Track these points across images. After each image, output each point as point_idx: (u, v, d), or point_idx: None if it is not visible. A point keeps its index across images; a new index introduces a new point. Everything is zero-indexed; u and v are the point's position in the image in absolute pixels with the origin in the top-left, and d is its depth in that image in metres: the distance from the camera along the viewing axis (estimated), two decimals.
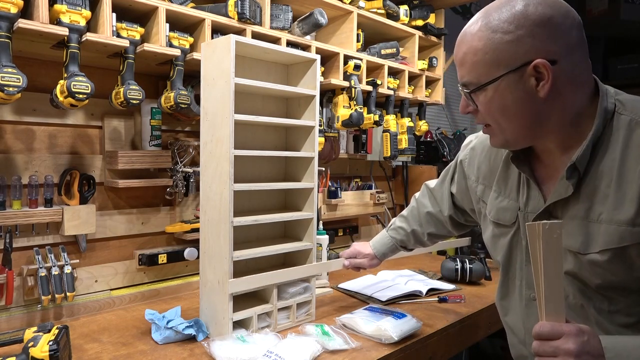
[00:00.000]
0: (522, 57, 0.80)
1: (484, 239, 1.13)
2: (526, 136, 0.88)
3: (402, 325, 1.32)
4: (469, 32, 0.85)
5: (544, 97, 0.81)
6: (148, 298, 1.64)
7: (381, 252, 1.47)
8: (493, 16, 0.82)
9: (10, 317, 1.36)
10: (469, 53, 0.84)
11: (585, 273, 0.86)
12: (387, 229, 1.50)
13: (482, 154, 1.12)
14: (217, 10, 1.53)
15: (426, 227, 1.41)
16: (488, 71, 0.82)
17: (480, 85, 0.84)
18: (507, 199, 1.01)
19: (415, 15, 2.29)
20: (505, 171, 1.03)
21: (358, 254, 1.49)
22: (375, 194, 2.49)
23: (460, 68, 0.87)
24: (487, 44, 0.81)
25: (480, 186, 1.11)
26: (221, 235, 1.29)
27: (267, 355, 1.14)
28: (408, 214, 1.46)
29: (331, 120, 2.07)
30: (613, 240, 0.82)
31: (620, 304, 0.86)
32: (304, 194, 1.53)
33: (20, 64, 1.21)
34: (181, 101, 1.46)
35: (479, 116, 0.90)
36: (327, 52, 1.87)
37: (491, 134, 0.92)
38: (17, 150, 1.42)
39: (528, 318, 0.99)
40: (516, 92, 0.82)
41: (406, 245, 1.46)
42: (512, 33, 0.79)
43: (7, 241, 1.34)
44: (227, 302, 1.27)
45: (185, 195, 1.75)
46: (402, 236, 1.45)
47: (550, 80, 0.79)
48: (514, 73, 0.81)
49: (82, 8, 1.22)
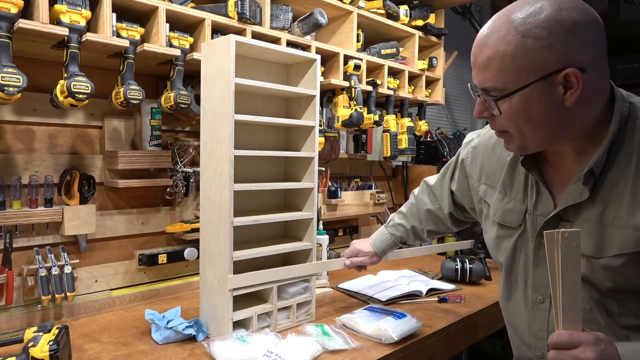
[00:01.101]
0: (554, 64, 0.77)
1: (485, 239, 1.12)
2: (546, 142, 0.87)
3: (402, 325, 1.32)
4: (494, 35, 0.80)
5: (570, 106, 0.80)
6: (148, 298, 1.64)
7: (381, 249, 1.47)
8: (524, 20, 0.77)
9: (10, 317, 1.36)
10: (494, 57, 0.79)
11: (598, 277, 0.86)
12: (386, 226, 1.50)
13: (485, 153, 1.11)
14: (217, 10, 1.53)
15: (425, 224, 1.41)
16: (516, 77, 0.79)
17: (507, 92, 0.81)
18: (513, 201, 1.00)
19: (415, 15, 2.29)
20: (511, 173, 1.01)
21: (358, 253, 1.49)
22: (375, 194, 2.49)
23: (482, 72, 0.83)
24: (517, 49, 0.77)
25: (483, 186, 1.10)
26: (221, 235, 1.29)
27: (267, 355, 1.14)
28: (407, 211, 1.46)
29: (331, 120, 2.07)
30: (628, 245, 0.81)
31: (631, 306, 0.86)
32: (304, 194, 1.53)
33: (20, 64, 1.21)
34: (181, 101, 1.46)
35: (496, 122, 0.87)
36: (327, 52, 1.87)
37: (508, 139, 0.89)
38: (17, 150, 1.42)
39: (534, 321, 0.98)
40: (544, 100, 0.79)
41: (405, 241, 1.47)
42: (544, 39, 0.76)
43: (7, 241, 1.34)
44: (227, 302, 1.27)
45: (185, 195, 1.75)
46: (401, 233, 1.46)
47: (580, 89, 0.78)
48: (544, 81, 0.78)
49: (82, 8, 1.22)
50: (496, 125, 0.89)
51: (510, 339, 1.10)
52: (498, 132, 0.91)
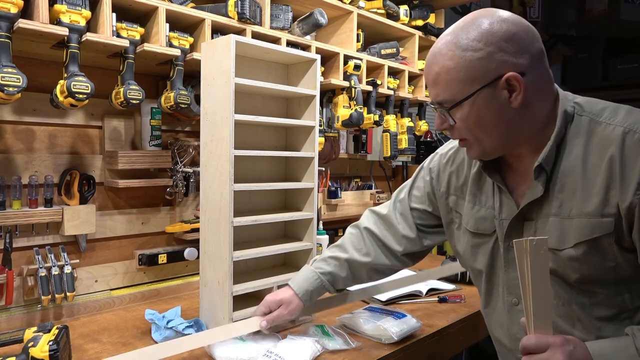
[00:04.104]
0: (494, 71, 0.84)
1: (457, 249, 1.12)
2: (503, 145, 0.92)
3: (402, 325, 1.32)
4: (439, 53, 0.88)
5: (517, 108, 0.86)
6: (148, 298, 1.64)
7: (303, 288, 1.20)
8: (461, 36, 0.86)
9: (10, 317, 1.36)
10: (441, 72, 0.88)
11: (564, 269, 0.89)
12: (311, 262, 1.28)
13: (452, 164, 1.13)
14: (217, 10, 1.53)
15: (374, 255, 1.22)
16: (463, 88, 0.86)
17: (456, 102, 0.88)
18: (484, 208, 1.02)
19: (415, 15, 2.28)
20: (478, 181, 1.04)
21: (271, 305, 1.21)
22: (375, 194, 2.49)
23: (433, 87, 0.91)
24: (460, 62, 0.85)
25: (453, 197, 1.12)
26: (221, 235, 1.29)
27: (267, 355, 1.14)
28: (344, 241, 1.26)
29: (331, 120, 2.07)
30: (585, 232, 0.85)
31: (600, 296, 0.88)
32: (304, 194, 1.53)
33: (20, 64, 1.21)
34: (181, 101, 1.46)
35: (455, 131, 0.93)
36: (327, 52, 1.87)
37: (468, 147, 0.95)
38: (17, 150, 1.41)
39: (512, 324, 1.00)
40: (491, 105, 0.86)
41: (336, 280, 1.22)
42: (482, 50, 0.84)
43: (7, 241, 1.34)
44: (227, 302, 1.27)
45: (185, 195, 1.75)
46: (332, 267, 1.22)
47: (522, 91, 0.85)
48: (488, 87, 0.85)
49: (82, 8, 1.22)
50: (455, 135, 0.95)
51: (495, 347, 1.10)
52: (460, 142, 0.97)
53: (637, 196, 0.80)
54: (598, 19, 3.98)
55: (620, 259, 0.84)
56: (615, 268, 0.85)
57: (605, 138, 0.85)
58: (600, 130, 0.86)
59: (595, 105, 0.91)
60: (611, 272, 0.86)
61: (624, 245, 0.84)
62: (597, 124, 0.87)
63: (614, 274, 0.86)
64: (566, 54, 4.41)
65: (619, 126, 0.84)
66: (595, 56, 4.27)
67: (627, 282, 0.86)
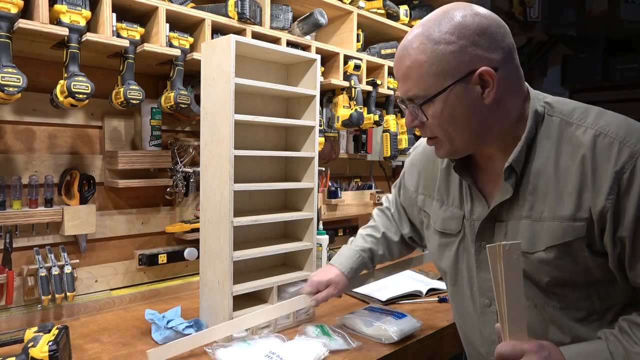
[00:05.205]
0: (467, 66, 0.82)
1: (428, 248, 1.12)
2: (474, 143, 0.90)
3: (402, 325, 1.32)
4: (410, 46, 0.85)
5: (489, 104, 0.84)
6: (148, 298, 1.64)
7: (347, 266, 1.26)
8: (433, 29, 0.83)
9: (10, 317, 1.36)
10: (413, 67, 0.84)
11: (536, 272, 0.88)
12: (350, 242, 1.35)
13: (421, 163, 1.12)
14: (217, 10, 1.53)
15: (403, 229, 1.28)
16: (435, 82, 0.83)
17: (429, 97, 0.84)
18: (451, 208, 1.01)
19: (415, 15, 2.29)
20: (446, 180, 1.03)
21: (319, 285, 1.25)
22: (375, 194, 2.49)
23: (404, 83, 0.87)
24: (432, 56, 0.82)
25: (421, 196, 1.11)
26: (221, 235, 1.29)
27: (269, 356, 1.14)
28: (376, 222, 1.33)
29: (331, 120, 2.07)
30: (557, 236, 0.84)
31: (570, 299, 0.88)
32: (304, 194, 1.53)
33: (20, 64, 1.21)
34: (181, 101, 1.46)
35: (425, 129, 0.91)
36: (327, 52, 1.88)
37: (437, 145, 0.92)
38: (17, 150, 1.41)
39: (484, 326, 0.98)
40: (464, 101, 0.84)
41: (374, 254, 1.29)
42: (455, 43, 0.81)
43: (7, 241, 1.34)
44: (227, 302, 1.27)
45: (185, 195, 1.75)
46: (370, 243, 1.29)
47: (495, 87, 0.82)
48: (461, 82, 0.82)
49: (82, 8, 1.22)
50: (426, 132, 0.92)
51: (466, 350, 1.09)
52: (428, 140, 0.94)
53: (609, 201, 0.79)
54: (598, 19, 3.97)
55: (590, 263, 0.83)
56: (586, 271, 0.84)
57: (577, 140, 0.83)
58: (571, 131, 0.85)
59: (565, 105, 0.89)
60: (581, 276, 0.85)
61: (595, 249, 0.83)
62: (568, 125, 0.85)
63: (584, 277, 0.85)
64: (566, 54, 4.40)
65: (590, 128, 0.83)
66: (595, 56, 4.26)
67: (596, 285, 0.86)
